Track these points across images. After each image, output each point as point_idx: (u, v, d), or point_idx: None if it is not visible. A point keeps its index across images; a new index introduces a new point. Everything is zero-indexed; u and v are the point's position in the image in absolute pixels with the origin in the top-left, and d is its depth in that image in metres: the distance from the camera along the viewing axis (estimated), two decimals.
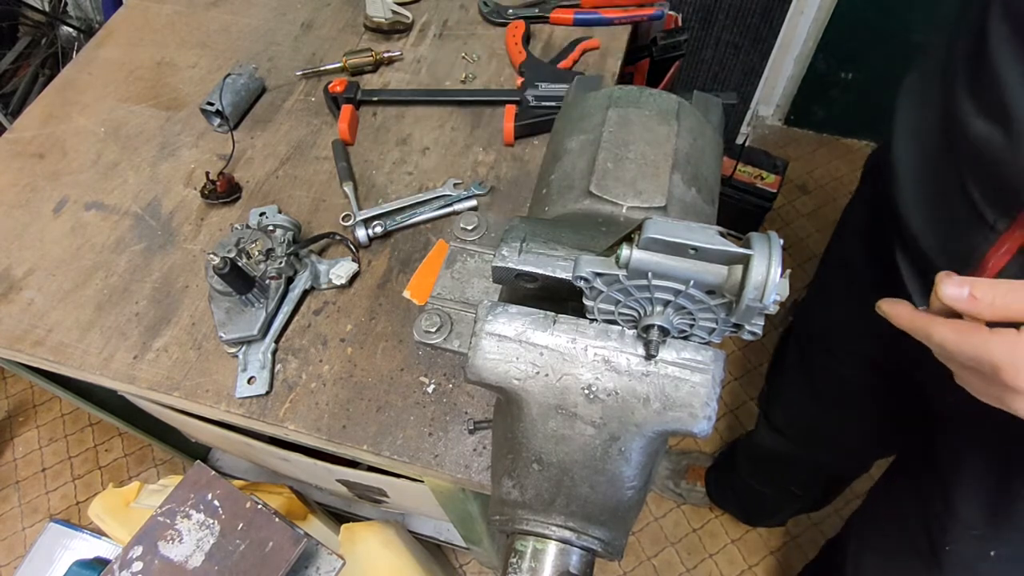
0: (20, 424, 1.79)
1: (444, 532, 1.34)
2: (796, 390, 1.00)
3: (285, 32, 1.05)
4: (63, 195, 0.88)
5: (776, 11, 1.65)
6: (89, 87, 1.00)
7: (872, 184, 0.75)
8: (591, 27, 1.00)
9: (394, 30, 1.01)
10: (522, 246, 0.41)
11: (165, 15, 1.10)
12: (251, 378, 0.69)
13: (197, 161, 0.90)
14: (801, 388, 0.98)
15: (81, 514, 1.64)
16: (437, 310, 0.54)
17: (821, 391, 0.93)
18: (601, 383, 0.38)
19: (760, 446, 1.21)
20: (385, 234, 0.79)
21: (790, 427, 1.07)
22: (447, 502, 0.83)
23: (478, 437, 0.65)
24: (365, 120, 0.92)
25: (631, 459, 0.39)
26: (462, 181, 0.83)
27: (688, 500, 1.57)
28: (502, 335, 0.40)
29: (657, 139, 0.47)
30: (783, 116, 2.17)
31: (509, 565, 0.39)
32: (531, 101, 0.87)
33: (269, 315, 0.71)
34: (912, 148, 0.60)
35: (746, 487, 1.35)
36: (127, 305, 0.77)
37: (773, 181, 1.73)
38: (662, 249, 0.34)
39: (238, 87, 0.91)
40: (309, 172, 0.87)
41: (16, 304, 0.78)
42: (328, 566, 0.74)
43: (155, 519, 0.70)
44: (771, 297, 0.32)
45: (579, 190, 0.47)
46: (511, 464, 0.41)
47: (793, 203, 2.03)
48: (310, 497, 1.10)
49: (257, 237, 0.73)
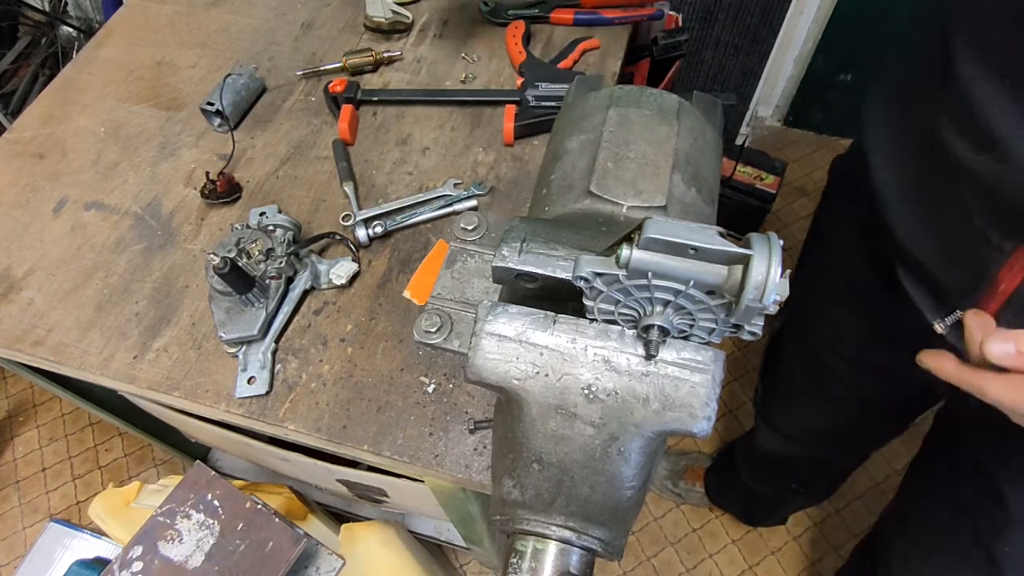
0: (20, 424, 1.79)
1: (444, 532, 1.34)
2: (796, 391, 1.00)
3: (285, 32, 1.05)
4: (63, 195, 0.88)
5: (776, 12, 1.65)
6: (89, 87, 1.00)
7: (850, 199, 0.73)
8: (591, 27, 1.00)
9: (394, 30, 1.01)
10: (522, 246, 0.41)
11: (165, 15, 1.10)
12: (251, 378, 0.69)
13: (197, 161, 0.90)
14: (802, 389, 0.97)
15: (81, 514, 1.64)
16: (437, 310, 0.54)
17: (823, 392, 0.92)
18: (601, 383, 0.38)
19: (759, 447, 1.21)
20: (385, 234, 0.79)
21: (789, 427, 1.06)
22: (447, 502, 0.83)
23: (478, 437, 0.65)
24: (365, 120, 0.92)
25: (630, 459, 0.39)
26: (462, 181, 0.83)
27: (687, 500, 1.57)
28: (502, 335, 0.40)
29: (657, 139, 0.47)
30: (782, 117, 2.17)
31: (509, 565, 0.39)
32: (531, 101, 0.87)
33: (269, 315, 0.71)
34: (897, 175, 0.58)
35: (745, 487, 1.35)
36: (127, 305, 0.77)
37: (772, 182, 1.73)
38: (662, 249, 0.34)
39: (238, 87, 0.92)
40: (309, 172, 0.87)
41: (16, 304, 0.78)
42: (328, 566, 0.74)
43: (155, 519, 0.70)
44: (771, 297, 0.32)
45: (579, 190, 0.47)
46: (511, 464, 0.41)
47: (792, 205, 2.03)
48: (310, 497, 1.10)
49: (257, 237, 0.73)
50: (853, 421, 0.93)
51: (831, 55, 1.89)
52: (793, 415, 1.05)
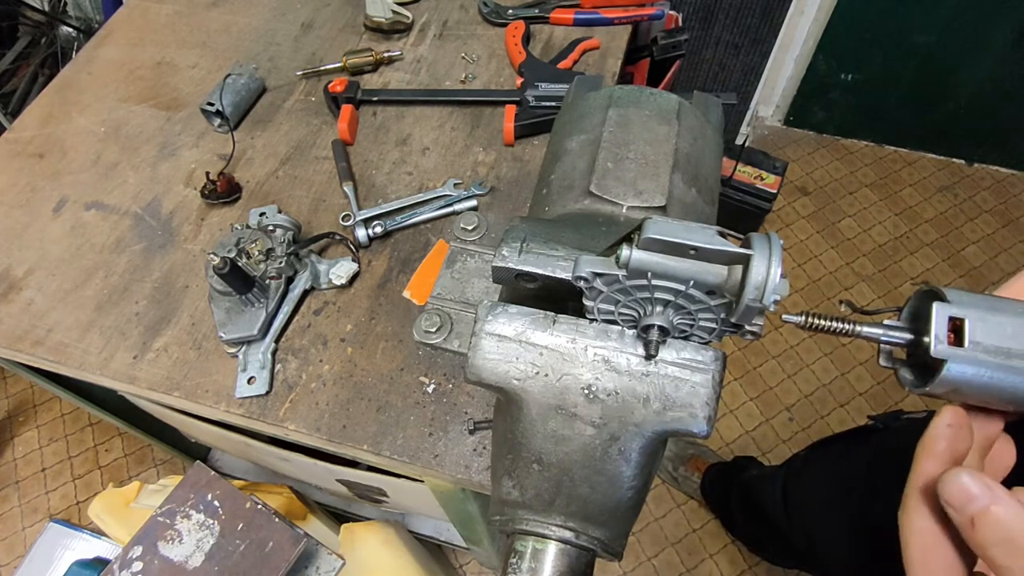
0: (20, 424, 1.79)
1: (444, 532, 1.34)
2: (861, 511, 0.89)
3: (285, 32, 1.05)
4: (63, 195, 0.88)
5: (776, 11, 1.65)
6: (89, 87, 1.00)
7: None
8: (591, 27, 1.00)
9: (394, 30, 1.01)
10: (522, 246, 0.41)
11: (165, 15, 1.10)
12: (251, 378, 0.69)
13: (197, 161, 0.90)
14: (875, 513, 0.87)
15: (81, 514, 1.64)
16: (437, 310, 0.54)
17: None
18: (601, 383, 0.38)
19: (768, 519, 1.16)
20: (385, 234, 0.79)
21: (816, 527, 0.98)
22: (447, 502, 0.83)
23: (478, 437, 0.65)
24: (365, 120, 0.92)
25: (631, 459, 0.39)
26: (462, 181, 0.83)
27: (681, 487, 1.57)
28: (502, 335, 0.40)
29: (657, 139, 0.47)
30: (783, 117, 2.17)
31: (509, 565, 0.39)
32: (531, 101, 0.87)
33: (269, 315, 0.71)
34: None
35: (735, 514, 1.36)
36: (127, 305, 0.77)
37: (773, 182, 1.73)
38: (662, 249, 0.34)
39: (238, 87, 0.91)
40: (309, 172, 0.87)
41: (16, 304, 0.78)
42: (328, 566, 0.74)
43: (155, 519, 0.70)
44: (771, 297, 0.32)
45: (579, 190, 0.47)
46: (511, 464, 0.41)
47: (792, 204, 2.03)
48: (310, 497, 1.10)
49: (257, 237, 0.73)
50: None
51: (832, 54, 1.89)
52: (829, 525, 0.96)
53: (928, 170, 2.09)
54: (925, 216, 2.00)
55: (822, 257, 1.93)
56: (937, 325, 0.29)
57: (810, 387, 1.72)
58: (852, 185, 2.07)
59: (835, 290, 1.87)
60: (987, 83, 1.83)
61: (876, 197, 2.04)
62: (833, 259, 1.93)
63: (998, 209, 2.01)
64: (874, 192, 2.05)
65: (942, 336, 0.29)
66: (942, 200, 2.03)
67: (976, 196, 2.03)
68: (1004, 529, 0.26)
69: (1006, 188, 2.05)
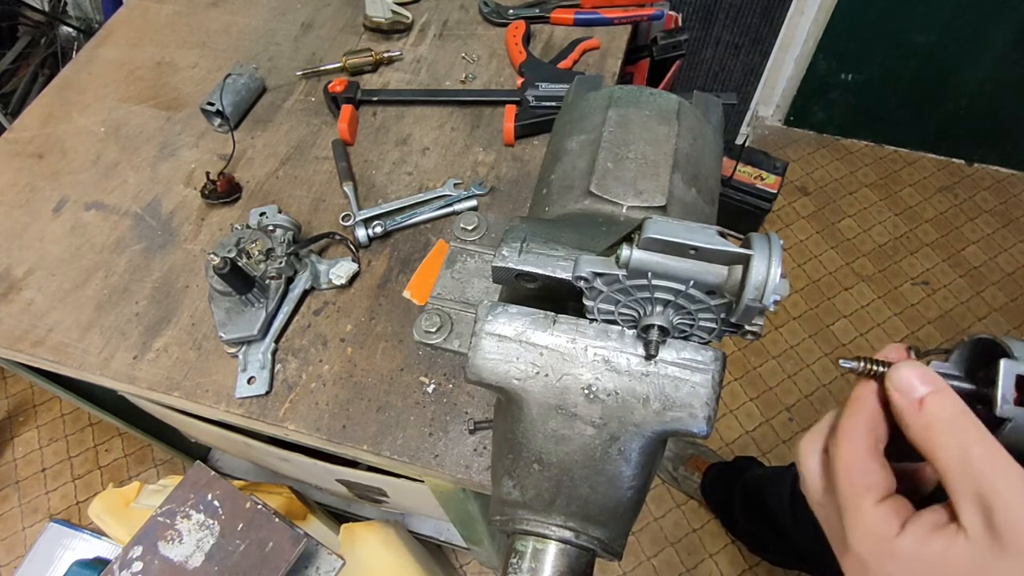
0: (20, 424, 1.79)
1: (444, 532, 1.34)
2: None
3: (285, 32, 1.05)
4: (63, 195, 0.88)
5: (776, 11, 1.65)
6: (89, 87, 1.00)
7: None
8: (591, 27, 1.00)
9: (394, 30, 1.01)
10: (522, 246, 0.41)
11: (165, 15, 1.10)
12: (251, 378, 0.69)
13: (197, 161, 0.90)
14: None
15: (81, 514, 1.64)
16: (437, 310, 0.54)
17: None
18: (601, 383, 0.38)
19: (773, 519, 1.16)
20: (385, 234, 0.79)
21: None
22: (447, 502, 0.83)
23: (478, 437, 0.65)
24: (365, 120, 0.92)
25: (631, 459, 0.39)
26: (462, 181, 0.83)
27: (681, 487, 1.57)
28: (502, 335, 0.40)
29: (657, 139, 0.47)
30: (783, 117, 2.17)
31: (509, 565, 0.39)
32: (531, 101, 0.87)
33: (269, 315, 0.71)
34: None
35: (736, 515, 1.35)
36: (127, 305, 0.77)
37: (773, 182, 1.73)
38: (662, 249, 0.34)
39: (238, 87, 0.91)
40: (309, 172, 0.87)
41: (16, 304, 0.78)
42: (328, 566, 0.74)
43: (155, 519, 0.70)
44: (771, 297, 0.32)
45: (579, 190, 0.47)
46: (511, 464, 0.41)
47: (793, 204, 2.03)
48: (310, 497, 1.10)
49: (257, 237, 0.73)
50: None
51: (832, 54, 1.89)
52: None
53: (928, 170, 2.09)
54: (925, 216, 2.00)
55: (822, 257, 1.93)
56: (1004, 385, 0.30)
57: (810, 387, 1.72)
58: (852, 185, 2.07)
59: (835, 290, 1.87)
60: (987, 83, 1.83)
61: (876, 197, 2.04)
62: (833, 259, 1.93)
63: (998, 209, 2.01)
64: (874, 192, 2.05)
65: (1008, 396, 0.30)
66: (942, 200, 2.03)
67: (976, 196, 2.03)
68: (951, 408, 0.29)
69: (1006, 188, 2.05)
